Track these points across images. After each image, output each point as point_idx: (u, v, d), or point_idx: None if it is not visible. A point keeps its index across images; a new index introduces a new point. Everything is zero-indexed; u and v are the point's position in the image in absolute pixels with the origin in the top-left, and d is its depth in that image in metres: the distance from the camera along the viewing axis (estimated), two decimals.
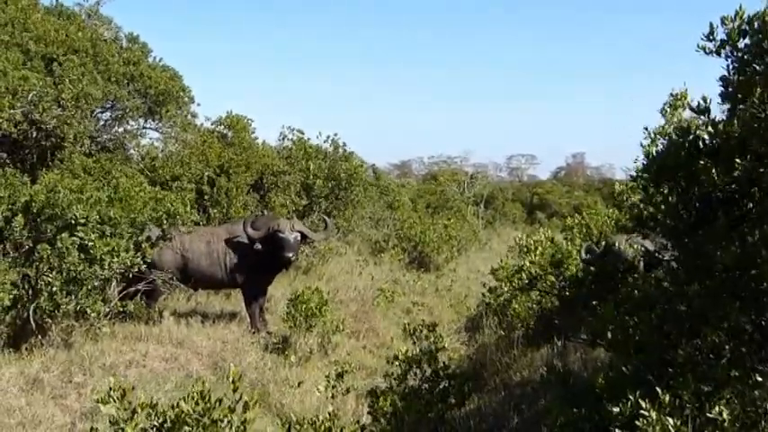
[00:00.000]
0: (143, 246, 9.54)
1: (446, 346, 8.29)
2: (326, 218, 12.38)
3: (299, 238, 11.24)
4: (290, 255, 11.09)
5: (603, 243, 9.86)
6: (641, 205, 5.48)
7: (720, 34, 4.59)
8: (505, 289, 11.13)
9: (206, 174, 14.90)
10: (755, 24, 4.48)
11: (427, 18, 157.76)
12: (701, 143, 4.71)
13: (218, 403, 4.10)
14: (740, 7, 4.51)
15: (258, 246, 11.09)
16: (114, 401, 4.03)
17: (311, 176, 17.06)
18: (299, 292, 10.86)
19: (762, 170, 4.38)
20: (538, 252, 10.64)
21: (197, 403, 4.06)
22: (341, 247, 17.58)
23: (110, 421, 4.02)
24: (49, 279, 8.57)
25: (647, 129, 5.38)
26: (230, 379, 4.29)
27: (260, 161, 16.04)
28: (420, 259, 19.24)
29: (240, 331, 10.92)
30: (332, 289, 13.55)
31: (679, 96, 5.18)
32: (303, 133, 18.21)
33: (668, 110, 5.28)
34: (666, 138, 5.11)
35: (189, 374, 9.04)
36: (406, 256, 19.08)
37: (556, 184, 47.51)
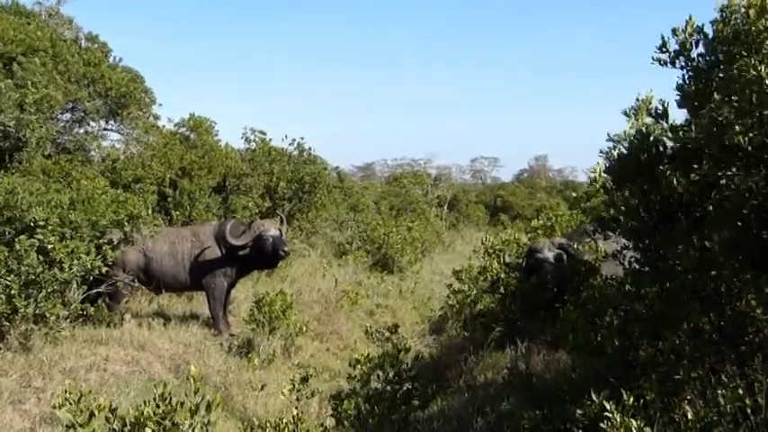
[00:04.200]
0: (104, 248, 9.40)
1: (409, 347, 8.30)
2: (281, 214, 12.32)
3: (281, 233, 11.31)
4: (287, 249, 11.32)
5: (527, 249, 10.02)
6: (603, 207, 5.52)
7: (673, 45, 4.65)
8: (469, 290, 11.18)
9: (168, 176, 14.72)
10: (709, 32, 4.54)
11: (394, 19, 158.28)
12: (661, 147, 4.76)
13: (179, 406, 4.03)
14: (690, 17, 4.58)
15: (246, 251, 11.08)
16: (70, 405, 3.95)
17: (274, 179, 16.95)
18: (262, 295, 10.78)
19: (719, 174, 4.44)
20: (505, 253, 10.74)
21: (158, 406, 3.99)
22: (304, 249, 17.50)
23: (66, 425, 3.93)
24: (7, 282, 8.39)
25: (609, 135, 5.42)
26: (192, 382, 4.21)
27: (223, 163, 15.90)
28: (384, 261, 19.22)
29: (203, 334, 10.79)
30: (295, 291, 13.46)
31: (644, 101, 5.22)
32: (265, 134, 18.14)
33: (633, 114, 5.32)
34: (628, 142, 5.15)
35: (151, 378, 8.90)
36: (370, 258, 19.05)
37: (519, 186, 47.79)
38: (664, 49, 4.63)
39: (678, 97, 4.67)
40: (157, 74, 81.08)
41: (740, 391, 4.29)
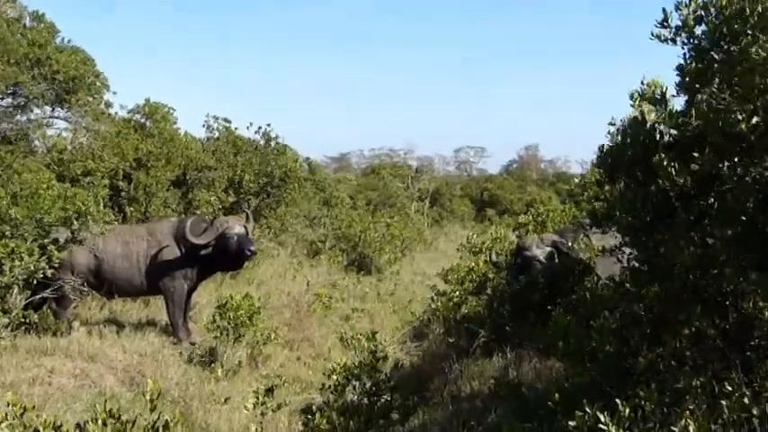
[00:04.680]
0: (49, 249, 9.29)
1: (388, 355, 8.28)
2: (248, 212, 12.27)
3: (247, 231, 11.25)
4: (254, 248, 11.28)
5: (516, 247, 10.07)
6: (596, 201, 5.54)
7: (675, 20, 4.66)
8: (455, 292, 11.21)
9: (121, 168, 14.60)
10: (712, 9, 4.55)
11: (369, 1, 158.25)
12: (657, 135, 4.78)
13: (131, 424, 3.99)
14: None
15: (209, 251, 11.01)
16: (11, 422, 3.89)
17: (240, 171, 16.89)
18: (226, 299, 10.73)
19: (721, 164, 4.46)
20: (492, 251, 10.79)
21: (105, 424, 3.94)
22: (273, 248, 17.47)
23: None
24: None
25: (612, 123, 5.43)
26: (148, 396, 4.17)
27: (182, 154, 15.80)
28: (360, 261, 19.26)
29: (161, 342, 10.72)
30: (263, 294, 13.46)
31: (650, 85, 5.23)
32: (230, 123, 18.06)
33: (637, 99, 5.33)
34: (622, 130, 5.16)
35: (101, 392, 8.82)
36: (345, 258, 19.07)
37: (507, 178, 47.95)
38: (665, 24, 4.64)
39: (678, 78, 4.69)
40: (110, 57, 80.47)
41: (746, 401, 4.31)
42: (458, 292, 10.90)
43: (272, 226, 17.83)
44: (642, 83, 4.89)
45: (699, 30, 4.60)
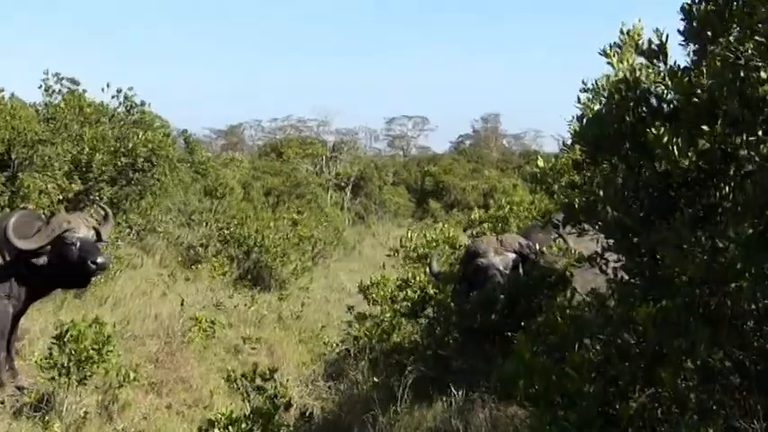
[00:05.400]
0: None
1: (292, 401, 8.19)
2: (104, 206, 12.03)
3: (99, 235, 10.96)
4: (102, 261, 10.74)
5: (466, 253, 10.10)
6: (573, 190, 5.55)
7: None
8: (383, 315, 11.18)
9: None
10: None
11: None
12: (654, 102, 4.80)
13: None
14: None
15: (42, 260, 10.68)
16: None
17: (88, 149, 16.57)
18: (67, 326, 10.49)
19: (739, 141, 4.50)
20: (434, 258, 10.79)
21: None
22: (135, 255, 17.19)
23: None
24: None
25: (584, 83, 5.44)
26: None
27: (7, 125, 15.42)
28: (256, 272, 19.15)
29: None
30: (120, 319, 13.24)
31: (630, 34, 5.25)
32: (78, 84, 17.73)
33: (615, 54, 5.34)
34: (608, 93, 5.18)
35: None
36: (235, 269, 18.91)
37: (458, 159, 48.32)
38: None
39: (683, 24, 4.72)
40: None
41: None
42: (387, 315, 10.86)
43: (133, 224, 17.55)
44: (622, 32, 4.93)
45: None
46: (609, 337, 5.08)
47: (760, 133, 4.42)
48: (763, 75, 4.29)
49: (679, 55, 4.89)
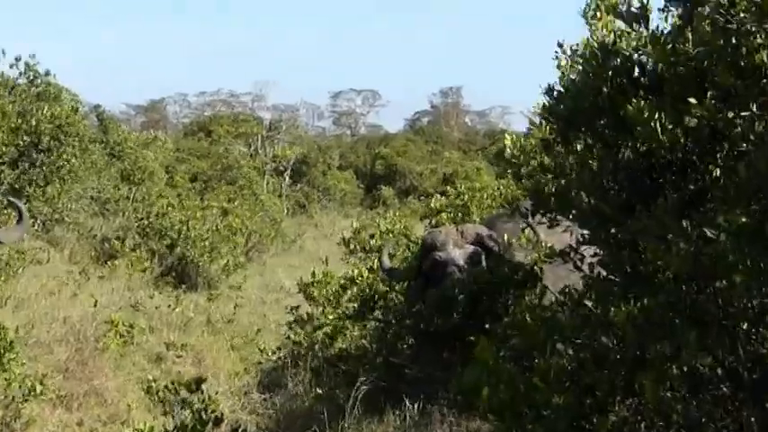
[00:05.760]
0: None
1: (224, 416, 8.16)
2: (17, 201, 11.89)
3: None
4: None
5: (422, 245, 10.10)
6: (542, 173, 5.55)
7: None
8: (326, 317, 11.16)
9: None
10: None
11: None
12: (635, 71, 4.81)
13: None
14: None
15: None
16: None
17: None
18: None
19: (731, 116, 4.51)
20: (385, 252, 10.77)
21: None
22: (40, 249, 17.04)
23: None
24: None
25: (560, 45, 5.44)
26: None
27: None
28: (180, 269, 19.14)
29: None
30: (24, 323, 13.08)
31: None
32: None
33: (591, 15, 5.34)
34: (582, 62, 5.18)
35: None
36: (156, 265, 18.84)
37: (413, 139, 48.37)
38: None
39: None
40: None
41: None
42: (331, 317, 10.84)
43: (38, 214, 17.40)
44: None
45: None
46: (584, 341, 5.08)
47: (754, 108, 4.42)
48: (758, 40, 4.31)
49: (663, 19, 4.91)
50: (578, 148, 5.03)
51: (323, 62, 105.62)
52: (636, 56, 4.87)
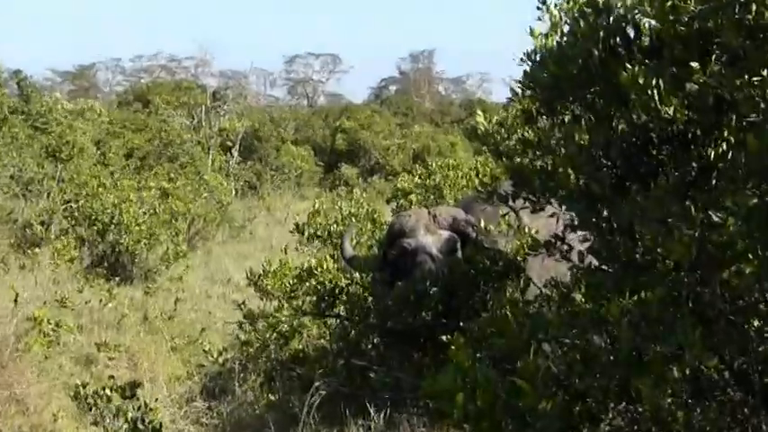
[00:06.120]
0: None
1: (163, 426, 8.14)
2: None
3: None
4: None
5: (389, 231, 10.08)
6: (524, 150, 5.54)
7: None
8: (279, 313, 11.15)
9: None
10: None
11: None
12: (631, 31, 4.80)
13: None
14: None
15: None
16: None
17: None
18: None
19: (740, 81, 4.50)
20: (347, 238, 10.76)
21: None
22: None
23: None
24: None
25: (545, 3, 5.44)
26: None
27: None
28: (113, 259, 19.16)
29: None
30: None
31: None
32: None
33: None
34: (571, 22, 5.17)
35: None
36: (86, 254, 18.79)
37: (380, 110, 48.42)
38: None
39: None
40: None
41: None
42: (286, 314, 10.82)
43: None
44: None
45: None
46: (573, 341, 5.07)
47: (765, 72, 4.41)
48: None
49: None
50: (565, 120, 5.02)
51: (276, 22, 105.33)
52: (631, 15, 4.87)
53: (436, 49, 69.98)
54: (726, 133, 4.60)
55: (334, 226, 13.32)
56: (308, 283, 11.12)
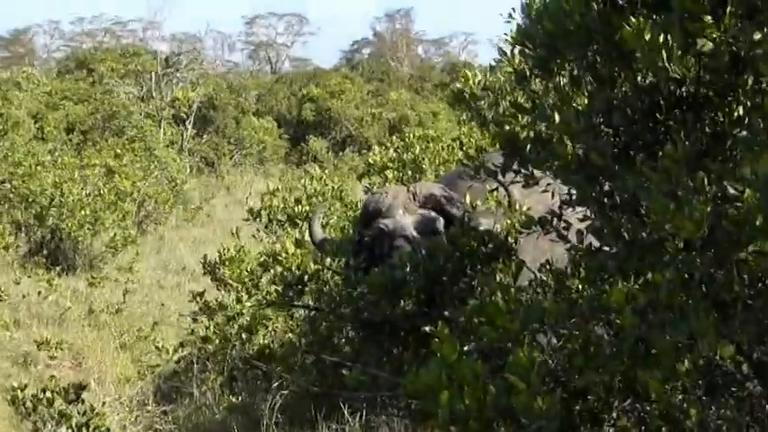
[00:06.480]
0: None
1: (110, 431, 8.15)
2: None
3: None
4: None
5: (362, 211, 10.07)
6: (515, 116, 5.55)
7: None
8: (240, 304, 11.15)
9: None
10: None
11: None
12: None
13: None
14: None
15: None
16: None
17: None
18: None
19: (758, 38, 4.51)
20: (315, 220, 10.75)
21: None
22: None
23: None
24: None
25: None
26: None
27: None
28: (54, 246, 19.15)
29: None
30: None
31: None
32: None
33: None
34: None
35: None
36: (23, 240, 18.76)
37: (352, 76, 48.38)
38: None
39: None
40: None
41: None
42: (248, 305, 10.81)
43: None
44: None
45: None
46: (571, 331, 5.08)
47: None
48: None
49: None
50: (562, 82, 5.03)
51: None
52: None
53: (414, 7, 69.81)
54: (742, 96, 4.62)
55: (298, 207, 13.31)
56: (272, 271, 11.11)
